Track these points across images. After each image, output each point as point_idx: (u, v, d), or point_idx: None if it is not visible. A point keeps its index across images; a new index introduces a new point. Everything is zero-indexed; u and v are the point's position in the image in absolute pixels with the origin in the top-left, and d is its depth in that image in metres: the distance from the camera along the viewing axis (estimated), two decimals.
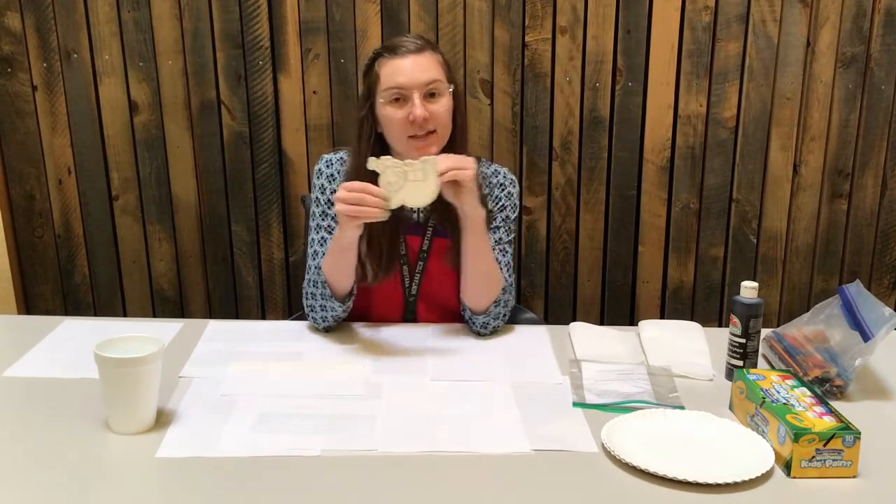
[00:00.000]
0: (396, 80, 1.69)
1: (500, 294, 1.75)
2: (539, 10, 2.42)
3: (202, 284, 2.63)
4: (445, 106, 1.71)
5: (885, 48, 2.45)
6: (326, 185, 1.81)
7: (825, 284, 2.65)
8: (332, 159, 1.83)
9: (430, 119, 1.69)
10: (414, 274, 1.81)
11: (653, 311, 2.66)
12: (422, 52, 1.71)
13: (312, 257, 1.81)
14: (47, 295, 2.64)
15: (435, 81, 1.70)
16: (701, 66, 2.47)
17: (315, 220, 1.82)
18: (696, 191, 2.56)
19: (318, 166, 1.83)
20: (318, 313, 1.76)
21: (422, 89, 1.68)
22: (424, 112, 1.67)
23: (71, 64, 2.46)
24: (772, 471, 1.25)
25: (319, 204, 1.82)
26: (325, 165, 1.82)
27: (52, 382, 1.51)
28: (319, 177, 1.82)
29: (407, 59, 1.70)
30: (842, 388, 1.50)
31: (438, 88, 1.70)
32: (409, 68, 1.69)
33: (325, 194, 1.81)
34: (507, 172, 1.87)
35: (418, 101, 1.67)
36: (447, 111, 1.72)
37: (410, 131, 1.69)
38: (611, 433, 1.33)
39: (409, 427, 1.38)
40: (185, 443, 1.31)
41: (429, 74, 1.70)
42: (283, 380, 1.54)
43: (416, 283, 1.82)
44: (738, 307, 1.55)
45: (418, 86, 1.68)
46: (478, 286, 1.74)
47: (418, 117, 1.67)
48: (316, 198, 1.82)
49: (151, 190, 2.56)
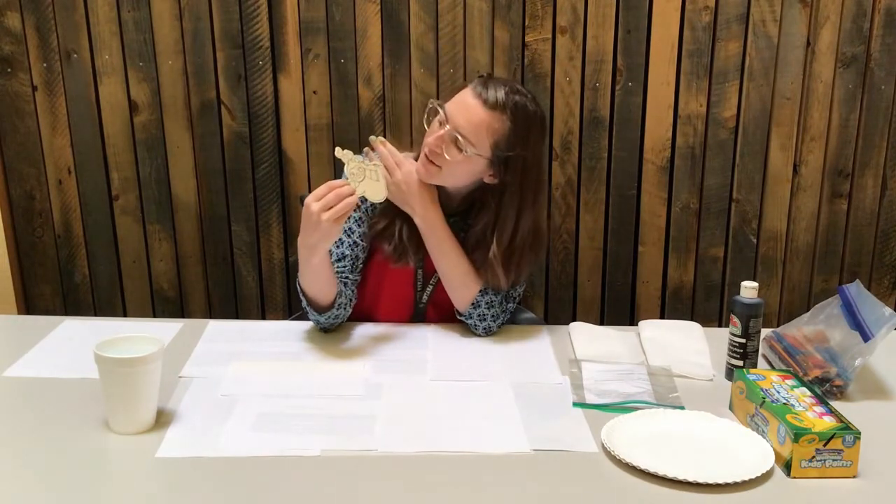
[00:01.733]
0: (450, 106, 1.69)
1: (479, 296, 1.75)
2: (539, 10, 2.42)
3: (202, 284, 2.63)
4: (456, 160, 1.67)
5: (885, 48, 2.45)
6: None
7: (825, 284, 2.65)
8: None
9: (439, 156, 1.68)
10: (427, 284, 1.81)
11: (653, 311, 2.65)
12: (492, 110, 1.66)
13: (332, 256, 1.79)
14: (47, 295, 2.64)
15: (462, 138, 1.66)
16: (701, 66, 2.47)
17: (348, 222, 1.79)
18: (696, 191, 2.56)
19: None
20: (311, 318, 1.75)
21: (451, 131, 1.66)
22: (438, 142, 1.67)
23: (71, 64, 2.46)
24: (772, 471, 1.25)
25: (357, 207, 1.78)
26: None
27: (52, 382, 1.51)
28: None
29: (473, 102, 1.67)
30: (842, 388, 1.50)
31: (461, 145, 1.66)
32: (465, 109, 1.67)
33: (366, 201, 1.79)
34: None
35: (441, 132, 1.67)
36: (456, 165, 1.68)
37: (426, 149, 1.70)
38: (611, 433, 1.33)
39: (409, 427, 1.38)
40: (185, 443, 1.31)
41: (467, 128, 1.66)
42: (283, 380, 1.54)
43: (427, 292, 1.82)
44: (738, 307, 1.55)
45: (452, 124, 1.67)
46: (449, 287, 1.77)
47: (429, 143, 1.69)
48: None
49: (151, 190, 2.56)
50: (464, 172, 1.71)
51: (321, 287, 1.67)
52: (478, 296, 1.75)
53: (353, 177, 1.60)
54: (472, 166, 1.70)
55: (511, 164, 1.69)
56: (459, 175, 1.72)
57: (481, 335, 1.77)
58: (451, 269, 1.74)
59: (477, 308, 1.75)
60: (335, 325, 1.76)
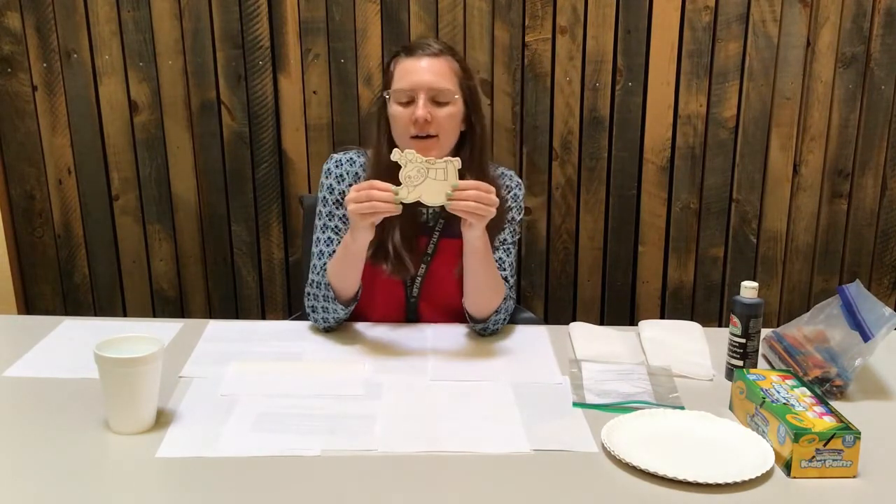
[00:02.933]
0: (406, 80, 1.70)
1: (501, 303, 1.76)
2: (539, 10, 2.42)
3: (202, 284, 2.63)
4: (450, 113, 1.71)
5: (885, 48, 2.45)
6: (335, 185, 1.80)
7: (825, 284, 2.65)
8: (341, 159, 1.82)
9: (433, 123, 1.69)
10: (416, 276, 1.81)
11: (653, 311, 2.66)
12: (437, 57, 1.72)
13: (318, 257, 1.80)
14: (47, 295, 2.64)
15: (442, 89, 1.70)
16: (701, 66, 2.47)
17: (321, 220, 1.82)
18: (696, 191, 2.56)
19: (328, 166, 1.83)
20: (320, 314, 1.76)
21: (428, 92, 1.69)
22: (426, 114, 1.68)
23: (71, 64, 2.46)
24: (772, 471, 1.25)
25: (327, 204, 1.81)
26: (334, 165, 1.82)
27: (52, 382, 1.51)
28: (328, 176, 1.81)
29: (421, 61, 1.71)
30: (842, 388, 1.50)
31: (444, 96, 1.70)
32: (420, 70, 1.70)
33: (334, 194, 1.80)
34: (514, 175, 1.88)
35: (421, 103, 1.68)
36: (451, 118, 1.72)
37: (412, 131, 1.70)
38: (611, 433, 1.33)
39: (409, 427, 1.38)
40: (185, 443, 1.31)
41: (437, 79, 1.70)
42: (283, 380, 1.54)
43: (417, 285, 1.82)
44: (738, 307, 1.55)
45: (424, 88, 1.69)
46: (479, 300, 1.75)
47: (419, 118, 1.68)
48: (323, 197, 1.82)
49: (151, 190, 2.56)
50: (453, 127, 1.74)
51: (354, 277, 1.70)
52: (500, 301, 1.75)
53: (410, 180, 1.57)
54: (457, 116, 1.74)
55: (472, 99, 1.76)
56: (451, 132, 1.74)
57: (486, 334, 1.77)
58: (490, 276, 1.73)
59: (497, 314, 1.76)
60: (340, 323, 1.77)
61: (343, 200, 1.73)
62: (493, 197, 1.57)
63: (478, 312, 1.76)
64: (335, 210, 1.80)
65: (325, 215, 1.81)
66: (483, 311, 1.75)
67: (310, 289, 1.77)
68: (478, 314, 1.76)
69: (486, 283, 1.72)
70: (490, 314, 1.75)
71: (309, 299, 1.77)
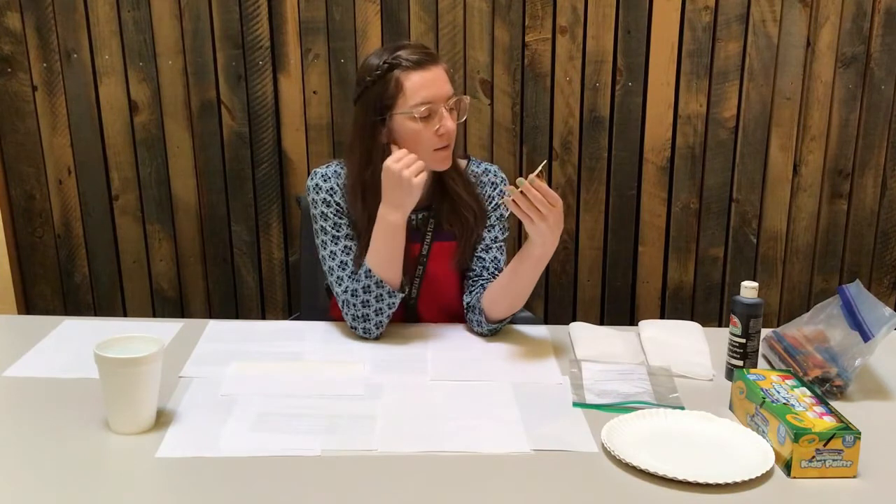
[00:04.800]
0: (425, 94, 1.65)
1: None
2: (539, 10, 2.42)
3: (202, 284, 2.63)
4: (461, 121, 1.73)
5: (885, 48, 2.45)
6: (329, 197, 1.75)
7: (825, 284, 2.65)
8: (327, 173, 1.78)
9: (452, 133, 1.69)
10: (413, 279, 1.81)
11: (653, 311, 2.66)
12: (439, 64, 1.70)
13: (341, 268, 1.74)
14: (47, 295, 2.64)
15: (455, 96, 1.70)
16: (701, 66, 2.47)
17: (328, 234, 1.76)
18: (696, 191, 2.56)
19: (314, 181, 1.77)
20: (373, 319, 1.70)
21: (448, 103, 1.68)
22: (455, 125, 1.69)
23: (71, 64, 2.46)
24: (772, 471, 1.25)
25: (327, 217, 1.75)
26: (321, 180, 1.77)
27: (52, 382, 1.51)
28: (319, 191, 1.76)
29: (431, 72, 1.67)
30: (842, 388, 1.50)
31: (464, 104, 1.72)
32: (437, 81, 1.68)
33: (332, 207, 1.75)
34: (497, 170, 1.86)
35: (447, 114, 1.67)
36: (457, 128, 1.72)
37: (437, 144, 1.68)
38: (611, 433, 1.33)
39: (409, 427, 1.38)
40: (185, 443, 1.31)
41: (450, 87, 1.70)
42: (283, 380, 1.54)
43: (415, 288, 1.82)
44: (738, 307, 1.55)
45: (445, 99, 1.67)
46: (514, 303, 1.73)
47: (451, 130, 1.68)
48: (322, 212, 1.76)
49: (151, 190, 2.56)
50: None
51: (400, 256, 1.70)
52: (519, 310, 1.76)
53: None
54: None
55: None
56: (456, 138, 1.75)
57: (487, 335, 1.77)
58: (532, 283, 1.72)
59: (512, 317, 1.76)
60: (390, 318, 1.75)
61: (345, 210, 1.74)
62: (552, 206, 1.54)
63: (498, 314, 1.74)
64: (340, 220, 1.76)
65: (332, 227, 1.76)
66: (505, 313, 1.74)
67: (351, 299, 1.70)
68: (497, 316, 1.74)
69: (527, 289, 1.71)
70: (506, 318, 1.75)
71: (352, 308, 1.70)
